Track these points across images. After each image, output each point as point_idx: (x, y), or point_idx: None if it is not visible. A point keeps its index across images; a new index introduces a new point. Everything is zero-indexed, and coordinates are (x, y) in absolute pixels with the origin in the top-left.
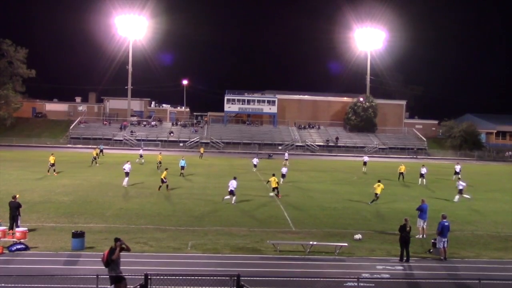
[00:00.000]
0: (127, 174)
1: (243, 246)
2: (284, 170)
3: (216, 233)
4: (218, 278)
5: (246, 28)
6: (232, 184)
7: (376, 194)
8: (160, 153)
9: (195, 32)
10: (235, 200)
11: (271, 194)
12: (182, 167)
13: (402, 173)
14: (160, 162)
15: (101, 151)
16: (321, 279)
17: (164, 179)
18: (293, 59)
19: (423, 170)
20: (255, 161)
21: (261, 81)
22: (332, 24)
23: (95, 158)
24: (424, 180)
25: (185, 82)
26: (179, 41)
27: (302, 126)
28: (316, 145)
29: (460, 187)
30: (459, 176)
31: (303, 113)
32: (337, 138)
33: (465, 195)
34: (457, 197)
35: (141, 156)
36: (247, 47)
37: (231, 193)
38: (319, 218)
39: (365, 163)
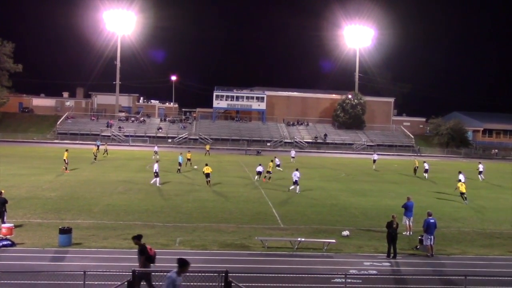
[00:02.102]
0: (156, 174)
1: (231, 242)
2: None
3: (204, 230)
4: (206, 274)
5: (235, 24)
6: (296, 175)
7: (462, 193)
8: (189, 151)
9: (184, 28)
10: (299, 190)
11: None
12: (180, 164)
13: (418, 167)
14: (189, 159)
15: (98, 147)
16: (309, 275)
17: (208, 174)
18: (282, 56)
19: (426, 166)
20: (293, 153)
21: (250, 78)
22: (321, 21)
23: (95, 155)
24: (426, 175)
25: (173, 78)
26: (168, 37)
27: (291, 122)
28: (305, 141)
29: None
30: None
31: (292, 110)
32: (325, 135)
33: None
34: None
35: (156, 152)
36: (236, 43)
37: (295, 183)
38: (307, 214)
39: (374, 161)
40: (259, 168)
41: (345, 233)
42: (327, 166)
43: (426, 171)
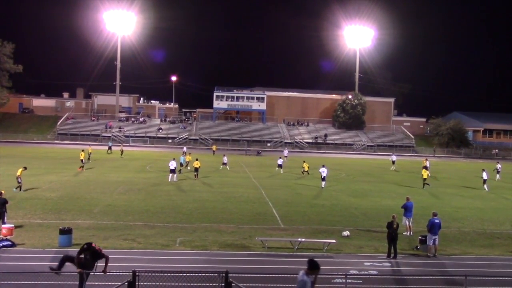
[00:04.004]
0: (172, 171)
1: (232, 243)
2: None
3: (204, 230)
4: (207, 275)
5: (236, 24)
6: (324, 171)
7: (424, 179)
8: (190, 153)
9: (184, 28)
10: (325, 185)
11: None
12: (181, 164)
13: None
14: (188, 162)
15: (110, 148)
16: None
17: (196, 169)
18: (282, 56)
19: (427, 163)
20: (285, 152)
21: (250, 78)
22: (321, 21)
23: (89, 154)
24: (428, 172)
25: (174, 78)
26: (168, 37)
27: (291, 123)
28: (305, 142)
29: (485, 177)
30: (499, 175)
31: (292, 110)
32: (325, 135)
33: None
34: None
35: (184, 153)
36: (236, 43)
37: (323, 179)
38: (308, 215)
39: (393, 162)
40: (280, 161)
41: (346, 233)
42: (327, 166)
43: (427, 168)
